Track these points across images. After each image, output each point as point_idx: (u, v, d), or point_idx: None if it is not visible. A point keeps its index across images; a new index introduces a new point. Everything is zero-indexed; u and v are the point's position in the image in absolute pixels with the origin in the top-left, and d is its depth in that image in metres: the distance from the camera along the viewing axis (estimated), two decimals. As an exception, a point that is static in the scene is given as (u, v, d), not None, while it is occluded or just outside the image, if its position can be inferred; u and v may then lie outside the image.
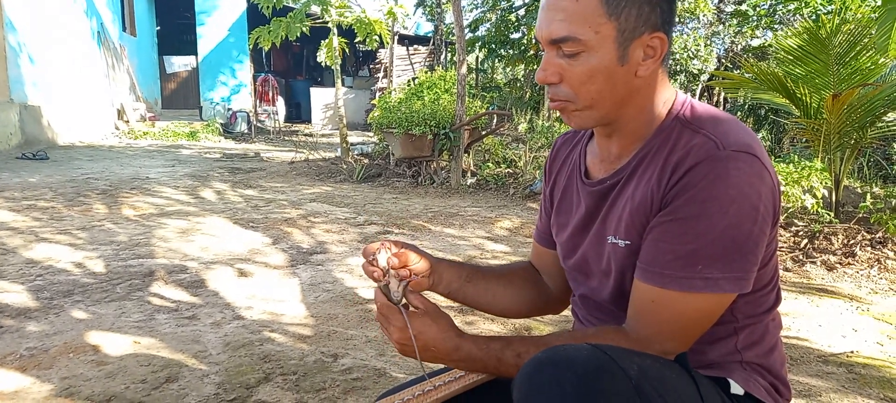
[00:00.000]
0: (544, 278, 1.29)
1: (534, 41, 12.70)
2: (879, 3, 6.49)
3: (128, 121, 13.29)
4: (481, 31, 13.90)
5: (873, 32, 4.34)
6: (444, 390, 1.10)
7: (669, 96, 1.03)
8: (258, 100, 15.69)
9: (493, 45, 13.13)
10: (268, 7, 7.97)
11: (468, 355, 1.00)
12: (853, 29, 4.39)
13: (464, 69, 6.35)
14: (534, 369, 0.83)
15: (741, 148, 0.90)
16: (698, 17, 12.56)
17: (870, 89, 4.07)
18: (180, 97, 16.32)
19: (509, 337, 1.02)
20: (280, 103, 15.69)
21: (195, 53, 16.00)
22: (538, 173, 6.17)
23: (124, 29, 14.25)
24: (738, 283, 0.92)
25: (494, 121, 7.63)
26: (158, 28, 16.57)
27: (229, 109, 15.24)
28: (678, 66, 14.42)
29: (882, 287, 3.33)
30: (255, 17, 12.66)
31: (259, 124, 15.00)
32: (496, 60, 14.12)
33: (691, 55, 14.18)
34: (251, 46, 8.87)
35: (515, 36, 13.39)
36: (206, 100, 15.88)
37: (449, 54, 15.06)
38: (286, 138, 13.90)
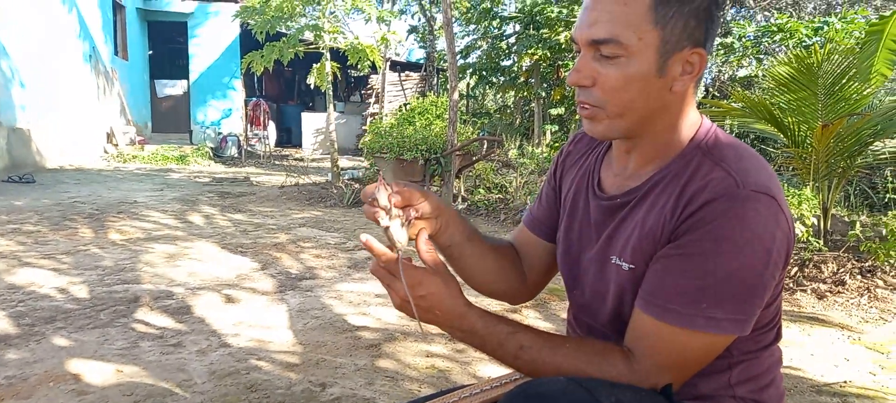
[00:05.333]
0: (524, 264, 1.24)
1: (523, 68, 12.81)
2: (863, 34, 6.60)
3: (117, 145, 13.21)
4: (472, 57, 14.01)
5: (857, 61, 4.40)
6: None
7: (695, 120, 0.99)
8: (249, 125, 15.68)
9: (484, 72, 13.22)
10: (261, 32, 7.99)
11: (471, 328, 0.95)
12: (841, 59, 4.44)
13: (456, 95, 6.38)
14: None
15: (761, 189, 0.88)
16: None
17: (857, 119, 4.12)
18: (171, 121, 16.27)
19: (517, 324, 0.97)
20: (271, 127, 15.69)
21: (187, 77, 16.00)
22: (529, 199, 6.18)
23: (116, 52, 14.23)
24: (741, 325, 0.90)
25: (485, 147, 7.65)
26: (151, 52, 16.58)
27: (220, 133, 15.20)
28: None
29: (873, 316, 3.32)
30: (247, 42, 12.70)
31: (249, 148, 14.97)
32: (487, 87, 14.21)
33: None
34: (243, 71, 8.89)
35: (506, 63, 13.50)
36: (197, 124, 15.84)
37: (440, 80, 15.13)
38: (277, 162, 13.87)
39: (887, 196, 5.06)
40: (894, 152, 4.56)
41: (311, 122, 16.83)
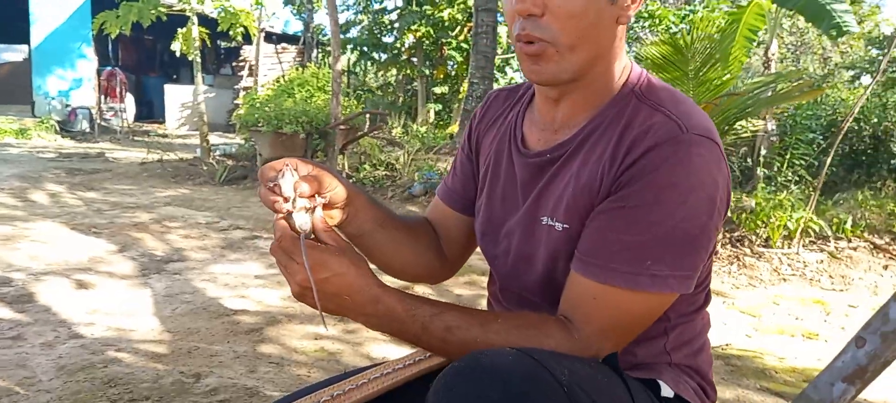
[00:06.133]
0: (441, 240, 1.12)
1: (406, 45, 12.65)
2: (723, 23, 7.12)
3: (-61, 115, 11.48)
4: (353, 32, 13.61)
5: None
6: (367, 389, 0.91)
7: (626, 64, 0.91)
8: (103, 96, 14.23)
9: (365, 48, 12.90)
10: (116, -10, 7.17)
11: (388, 312, 0.80)
12: (707, 43, 4.69)
13: (339, 65, 6.09)
14: (454, 378, 0.70)
15: (703, 132, 0.81)
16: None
17: (725, 100, 4.36)
18: (7, 91, 14.39)
19: (440, 304, 0.84)
20: (129, 100, 14.33)
21: (27, 42, 14.19)
22: (417, 175, 6.06)
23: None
24: (685, 282, 0.83)
25: (370, 121, 7.43)
26: (-19, 11, 14.53)
27: (68, 105, 13.63)
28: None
29: (742, 282, 3.54)
30: (101, 4, 11.44)
31: (104, 123, 13.60)
32: (368, 63, 13.89)
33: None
34: (95, 33, 7.95)
35: (388, 39, 13.26)
36: (40, 94, 14.10)
37: (321, 53, 14.60)
38: (136, 138, 12.71)
39: (759, 169, 5.48)
40: (755, 131, 4.91)
41: (176, 95, 15.63)
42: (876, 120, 6.47)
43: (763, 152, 5.92)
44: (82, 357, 2.24)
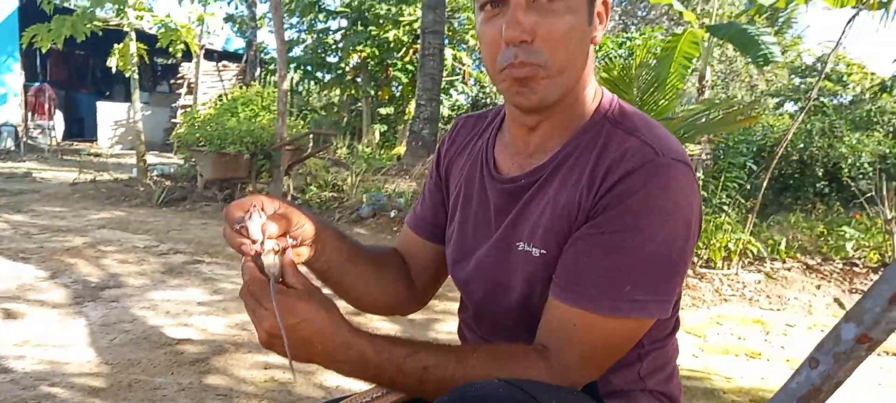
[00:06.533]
0: (411, 270, 1.11)
1: (351, 65, 12.58)
2: (659, 51, 7.43)
3: None
4: (296, 51, 13.44)
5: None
6: None
7: (597, 88, 0.92)
8: (30, 113, 13.52)
9: (309, 67, 12.75)
10: (50, 3, 6.83)
11: (360, 357, 0.78)
12: (648, 70, 4.87)
13: (286, 84, 5.98)
14: None
15: (677, 156, 0.83)
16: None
17: (665, 124, 4.53)
18: (-78, 105, 13.49)
19: (414, 343, 0.83)
20: (58, 117, 13.68)
21: (-54, 53, 13.37)
22: (365, 197, 5.99)
23: None
24: (664, 307, 0.84)
25: (314, 142, 7.32)
26: None
27: (-9, 122, 12.89)
28: (488, 100, 15.29)
29: (686, 303, 3.64)
30: (30, 16, 10.90)
31: (31, 141, 12.92)
32: (312, 83, 13.73)
33: (499, 90, 15.14)
34: (24, 47, 7.56)
35: (332, 59, 13.15)
36: (-40, 109, 13.30)
37: (263, 72, 14.36)
38: (66, 157, 12.11)
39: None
40: (691, 155, 5.10)
41: (109, 113, 15.00)
42: (802, 145, 6.85)
43: (700, 175, 6.16)
44: (13, 393, 2.09)
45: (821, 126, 7.12)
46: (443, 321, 3.15)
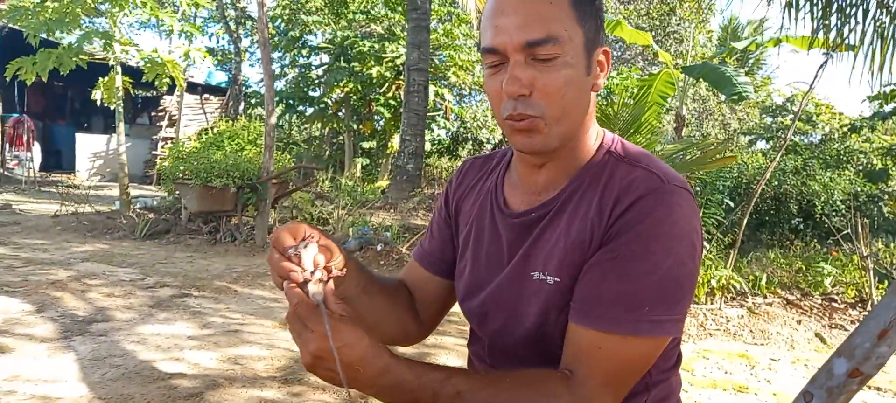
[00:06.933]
0: (417, 303, 1.15)
1: (333, 100, 12.65)
2: (635, 91, 7.64)
3: None
4: (280, 85, 13.49)
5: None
6: None
7: (599, 129, 0.98)
8: (8, 145, 13.34)
9: (292, 101, 12.81)
10: (36, 36, 6.82)
11: (398, 382, 0.81)
12: (629, 111, 5.02)
13: (273, 119, 6.01)
14: None
15: (680, 184, 0.88)
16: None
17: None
18: None
19: (448, 369, 0.86)
20: (36, 149, 13.50)
21: (-79, 83, 13.17)
22: (351, 230, 6.00)
23: None
24: (678, 326, 0.88)
25: (303, 175, 7.34)
26: None
27: (-34, 153, 12.70)
28: (469, 135, 15.47)
29: (672, 336, 3.71)
30: (11, 48, 10.83)
31: (7, 172, 12.73)
32: (294, 116, 13.77)
33: (480, 125, 15.35)
34: (8, 79, 7.51)
35: (314, 93, 13.22)
36: (-65, 140, 13.08)
37: (247, 106, 14.37)
38: (43, 189, 11.94)
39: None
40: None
41: (88, 145, 14.84)
42: (776, 182, 7.04)
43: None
44: (6, 430, 2.07)
45: (794, 164, 7.34)
46: (434, 355, 3.18)
